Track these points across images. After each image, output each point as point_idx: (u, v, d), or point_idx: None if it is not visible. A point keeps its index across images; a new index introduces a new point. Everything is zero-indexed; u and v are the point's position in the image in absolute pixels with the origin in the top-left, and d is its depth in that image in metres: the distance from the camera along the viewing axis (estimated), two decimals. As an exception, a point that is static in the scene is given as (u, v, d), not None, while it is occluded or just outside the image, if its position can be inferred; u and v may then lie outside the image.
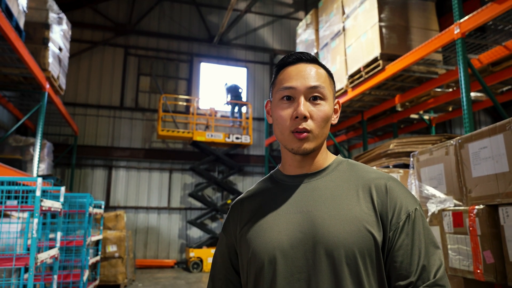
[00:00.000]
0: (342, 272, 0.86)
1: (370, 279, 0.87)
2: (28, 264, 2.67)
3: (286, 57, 1.02)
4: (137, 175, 10.40)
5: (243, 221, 1.03)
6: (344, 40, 6.42)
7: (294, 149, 0.95)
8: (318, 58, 6.17)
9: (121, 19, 10.91)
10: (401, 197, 0.93)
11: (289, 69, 0.99)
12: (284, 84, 0.98)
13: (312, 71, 0.97)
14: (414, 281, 0.85)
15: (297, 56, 1.00)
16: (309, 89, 0.95)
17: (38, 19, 5.62)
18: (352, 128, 9.26)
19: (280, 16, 12.41)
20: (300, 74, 0.97)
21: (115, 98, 10.56)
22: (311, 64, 0.99)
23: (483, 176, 1.99)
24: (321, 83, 0.96)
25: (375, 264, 0.88)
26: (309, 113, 0.94)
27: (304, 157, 0.99)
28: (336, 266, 0.86)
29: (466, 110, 4.05)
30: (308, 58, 1.00)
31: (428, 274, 0.85)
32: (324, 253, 0.88)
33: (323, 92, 0.96)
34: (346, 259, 0.86)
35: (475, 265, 1.92)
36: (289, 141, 0.96)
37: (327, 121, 0.96)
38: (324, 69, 1.01)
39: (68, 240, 4.76)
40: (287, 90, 0.97)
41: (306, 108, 0.94)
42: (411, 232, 0.89)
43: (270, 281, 0.90)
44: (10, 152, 6.42)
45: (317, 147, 0.97)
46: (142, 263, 9.68)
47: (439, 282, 0.85)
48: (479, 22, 3.96)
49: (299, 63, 0.99)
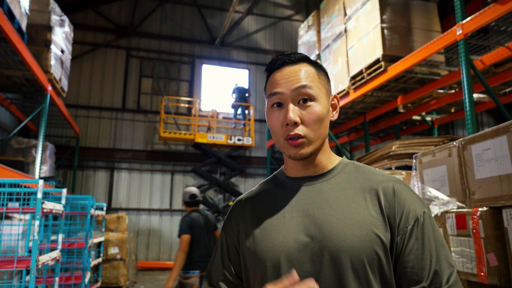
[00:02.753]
0: (348, 277, 0.84)
1: (377, 284, 0.85)
2: (30, 266, 2.66)
3: (272, 62, 1.00)
4: (139, 177, 10.40)
5: (245, 222, 1.01)
6: (346, 41, 6.40)
7: (292, 156, 0.94)
8: (320, 60, 6.09)
9: (123, 21, 10.94)
10: (409, 201, 0.91)
11: (276, 74, 0.98)
12: (271, 90, 0.97)
13: (299, 73, 0.95)
14: (426, 286, 0.83)
15: (282, 60, 0.98)
16: (295, 91, 0.93)
17: (40, 21, 5.63)
18: (354, 129, 9.24)
19: (282, 18, 12.41)
20: (285, 78, 0.95)
21: (117, 100, 10.58)
22: (297, 65, 0.97)
23: (487, 178, 1.97)
24: (307, 83, 0.94)
25: (383, 269, 0.86)
26: (300, 117, 0.92)
27: (305, 160, 0.97)
28: (342, 270, 0.85)
29: (469, 111, 4.03)
30: (293, 60, 0.97)
31: (440, 279, 0.83)
32: (331, 257, 0.86)
33: (311, 92, 0.93)
34: (353, 264, 0.84)
35: (479, 267, 1.90)
36: (285, 148, 0.95)
37: (321, 122, 0.94)
38: (314, 66, 0.99)
39: (70, 242, 4.75)
40: (274, 96, 0.95)
41: (296, 113, 0.92)
42: (420, 236, 0.87)
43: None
44: (13, 154, 6.44)
45: (315, 150, 0.95)
46: (144, 265, 9.67)
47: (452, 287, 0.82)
48: (482, 23, 3.94)
49: (284, 67, 0.97)
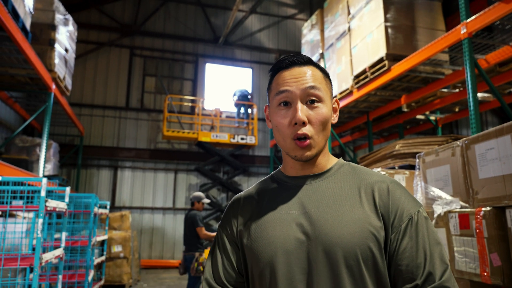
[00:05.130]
0: (343, 273, 0.86)
1: (371, 281, 0.86)
2: (33, 264, 2.68)
3: (279, 61, 1.01)
4: (142, 176, 10.43)
5: (242, 219, 1.02)
6: (349, 40, 6.39)
7: (298, 157, 0.95)
8: (323, 59, 6.10)
9: (126, 20, 10.96)
10: (403, 200, 0.93)
11: (284, 73, 0.99)
12: (279, 88, 0.97)
13: (307, 73, 0.97)
14: (420, 283, 0.85)
15: (291, 60, 0.99)
16: (304, 91, 0.95)
17: (45, 20, 5.66)
18: (358, 129, 9.22)
19: (285, 17, 12.39)
20: (294, 78, 0.96)
21: (120, 98, 10.61)
22: (305, 67, 0.98)
23: (490, 178, 1.96)
24: (316, 84, 0.96)
25: (377, 265, 0.87)
26: (308, 117, 0.94)
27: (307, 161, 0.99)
28: (337, 267, 0.86)
29: (473, 110, 4.01)
30: (302, 61, 0.99)
31: (434, 276, 0.85)
32: (326, 254, 0.87)
33: (319, 94, 0.95)
34: (347, 260, 0.86)
35: (482, 267, 1.89)
36: (291, 149, 0.96)
37: (326, 123, 0.96)
38: (320, 70, 1.01)
39: (74, 240, 4.78)
40: (283, 94, 0.96)
41: (304, 113, 0.93)
42: (414, 234, 0.89)
43: (271, 282, 0.90)
44: (17, 152, 6.47)
45: (319, 152, 0.97)
46: (147, 263, 9.71)
47: (445, 283, 0.84)
48: (486, 22, 3.92)
49: (293, 67, 0.98)
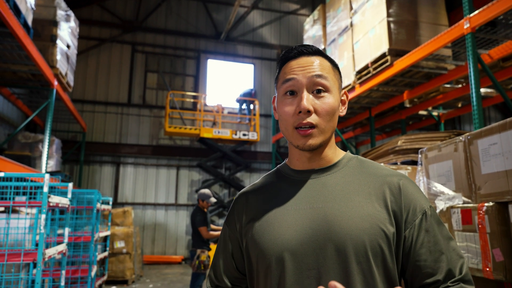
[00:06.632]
0: (352, 269, 0.85)
1: (380, 278, 0.86)
2: (36, 260, 2.70)
3: (288, 51, 0.99)
4: (144, 172, 10.46)
5: (248, 215, 1.00)
6: (351, 35, 6.35)
7: (300, 146, 0.93)
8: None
9: (128, 16, 10.94)
10: (416, 195, 0.92)
11: (291, 63, 0.97)
12: (285, 77, 0.96)
13: (315, 63, 0.95)
14: (441, 279, 0.85)
15: (299, 50, 0.98)
16: (311, 80, 0.93)
17: (46, 16, 5.65)
18: (360, 124, 9.20)
19: (287, 13, 12.35)
20: (301, 66, 0.95)
21: (122, 95, 10.62)
22: (313, 56, 0.97)
23: (493, 173, 1.95)
24: (324, 73, 0.94)
25: (386, 262, 0.87)
26: (313, 106, 0.92)
27: (312, 152, 0.96)
28: (346, 263, 0.85)
29: (476, 106, 3.99)
30: (310, 51, 0.97)
31: (454, 270, 0.86)
32: (335, 250, 0.86)
33: (326, 83, 0.93)
34: (357, 257, 0.85)
35: (484, 263, 1.89)
36: (294, 137, 0.94)
37: (333, 114, 0.93)
38: (328, 60, 0.99)
39: (76, 236, 4.81)
40: (289, 82, 0.95)
41: (310, 101, 0.92)
42: (431, 229, 0.89)
43: (279, 278, 0.89)
44: (19, 148, 6.49)
45: (324, 142, 0.94)
46: (149, 259, 9.75)
47: (466, 277, 0.86)
48: (490, 17, 3.89)
49: (301, 57, 0.97)
